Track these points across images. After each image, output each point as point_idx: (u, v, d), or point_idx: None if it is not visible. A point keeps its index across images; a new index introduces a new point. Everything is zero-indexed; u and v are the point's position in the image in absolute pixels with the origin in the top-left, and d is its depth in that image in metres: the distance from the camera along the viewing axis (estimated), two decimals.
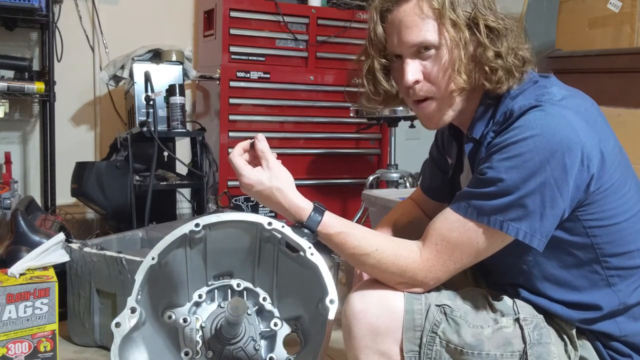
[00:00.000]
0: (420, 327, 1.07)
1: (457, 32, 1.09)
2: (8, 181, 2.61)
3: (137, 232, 2.31)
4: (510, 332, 1.07)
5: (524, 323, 1.08)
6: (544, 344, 1.07)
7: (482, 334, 1.06)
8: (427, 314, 1.08)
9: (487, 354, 1.06)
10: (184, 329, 1.51)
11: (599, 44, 2.61)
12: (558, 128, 1.01)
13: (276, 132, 3.09)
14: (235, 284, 1.56)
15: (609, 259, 1.09)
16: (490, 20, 1.10)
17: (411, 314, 1.08)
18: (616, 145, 1.13)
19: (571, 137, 1.01)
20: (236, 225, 1.46)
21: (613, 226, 1.08)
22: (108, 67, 2.84)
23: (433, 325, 1.07)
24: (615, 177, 1.07)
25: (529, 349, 1.06)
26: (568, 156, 1.00)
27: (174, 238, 1.41)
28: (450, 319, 1.07)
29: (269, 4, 3.01)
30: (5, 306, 1.64)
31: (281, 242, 1.48)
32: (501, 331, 1.07)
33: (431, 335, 1.07)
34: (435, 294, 1.11)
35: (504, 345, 1.06)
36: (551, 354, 1.07)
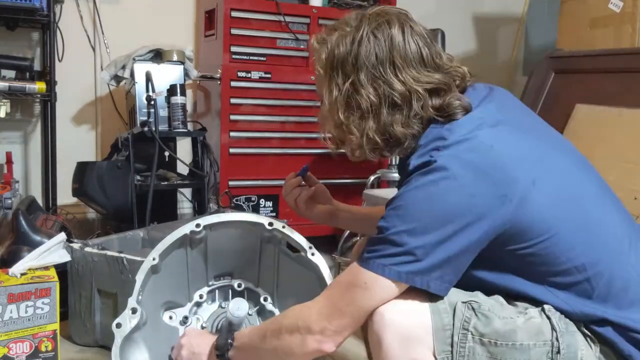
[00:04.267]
0: (449, 325, 1.07)
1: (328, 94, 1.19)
2: (9, 181, 2.61)
3: (138, 232, 2.31)
4: (539, 321, 1.07)
5: (549, 313, 1.08)
6: (571, 332, 1.07)
7: (515, 324, 1.06)
8: (455, 312, 1.07)
9: (521, 345, 1.05)
10: (185, 329, 1.51)
11: (600, 43, 2.61)
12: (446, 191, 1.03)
13: (277, 132, 3.09)
14: (236, 284, 1.56)
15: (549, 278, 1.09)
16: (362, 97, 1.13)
17: (438, 314, 1.07)
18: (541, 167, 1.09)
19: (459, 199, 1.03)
20: (237, 225, 1.46)
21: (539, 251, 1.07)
22: (109, 67, 2.84)
23: (463, 322, 1.07)
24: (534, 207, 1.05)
25: (560, 337, 1.06)
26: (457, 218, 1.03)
27: (175, 238, 1.41)
28: (479, 313, 1.07)
29: (270, 4, 3.00)
30: (7, 306, 1.64)
31: (282, 242, 1.49)
32: (531, 321, 1.07)
33: (463, 333, 1.06)
34: (457, 292, 1.10)
35: (536, 334, 1.06)
36: (579, 342, 1.07)
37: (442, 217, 1.03)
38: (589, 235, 1.09)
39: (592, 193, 1.14)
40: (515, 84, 3.98)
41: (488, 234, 1.05)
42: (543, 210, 1.05)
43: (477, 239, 1.05)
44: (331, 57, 1.17)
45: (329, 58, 1.17)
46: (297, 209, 1.50)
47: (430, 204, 1.04)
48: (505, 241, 1.06)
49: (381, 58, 1.12)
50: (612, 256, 1.09)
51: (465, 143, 1.06)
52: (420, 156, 1.09)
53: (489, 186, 1.03)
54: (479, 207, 1.03)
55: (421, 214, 1.04)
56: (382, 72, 1.13)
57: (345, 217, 1.53)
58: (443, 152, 1.06)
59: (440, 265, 1.05)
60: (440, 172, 1.04)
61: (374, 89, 1.13)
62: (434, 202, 1.03)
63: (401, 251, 1.05)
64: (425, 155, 1.08)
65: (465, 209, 1.03)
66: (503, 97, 1.21)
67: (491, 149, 1.05)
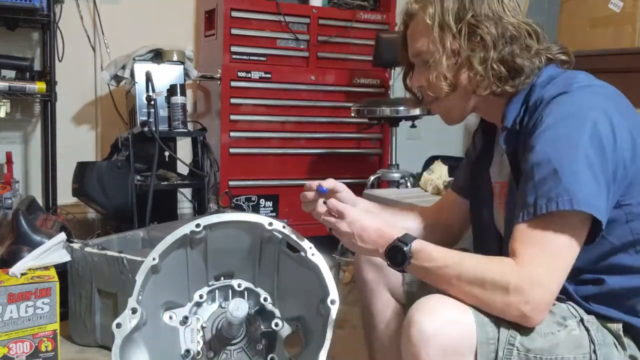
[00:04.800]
0: (494, 340, 1.03)
1: (440, 43, 1.18)
2: (9, 181, 2.61)
3: (138, 232, 2.32)
4: (578, 334, 1.06)
5: (588, 325, 1.08)
6: (608, 345, 1.08)
7: (557, 338, 1.05)
8: (500, 328, 1.04)
9: (562, 358, 1.04)
10: (185, 329, 1.51)
11: (600, 44, 2.61)
12: (589, 107, 1.06)
13: (277, 132, 3.09)
14: (236, 284, 1.56)
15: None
16: (481, 30, 1.16)
17: (483, 327, 1.03)
18: None
19: (601, 115, 1.05)
20: (237, 225, 1.46)
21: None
22: (109, 67, 2.84)
23: (509, 337, 1.04)
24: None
25: (598, 350, 1.06)
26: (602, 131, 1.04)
27: (175, 238, 1.41)
28: (522, 331, 1.04)
29: (270, 4, 3.00)
30: (7, 306, 1.64)
31: (282, 242, 1.48)
32: (571, 334, 1.06)
33: (509, 348, 1.03)
34: None
35: (575, 348, 1.05)
36: (614, 355, 1.08)
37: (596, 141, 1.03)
38: None
39: None
40: None
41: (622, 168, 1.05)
42: None
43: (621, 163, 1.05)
44: (441, 10, 1.18)
45: (441, 11, 1.18)
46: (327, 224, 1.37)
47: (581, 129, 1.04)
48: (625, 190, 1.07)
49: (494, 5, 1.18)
50: None
51: (593, 87, 1.11)
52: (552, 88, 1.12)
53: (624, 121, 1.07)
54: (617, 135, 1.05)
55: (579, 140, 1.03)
56: (495, 9, 1.17)
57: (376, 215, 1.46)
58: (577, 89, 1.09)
59: (608, 189, 1.04)
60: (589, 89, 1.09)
61: (493, 24, 1.16)
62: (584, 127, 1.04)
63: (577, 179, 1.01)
64: (559, 85, 1.12)
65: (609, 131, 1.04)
66: None
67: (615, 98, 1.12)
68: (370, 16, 3.24)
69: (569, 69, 1.22)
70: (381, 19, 3.26)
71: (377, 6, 3.32)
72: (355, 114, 2.94)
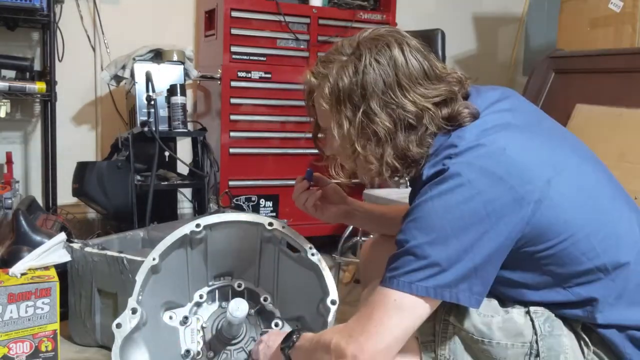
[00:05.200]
0: (431, 317, 1.06)
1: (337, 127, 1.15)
2: (9, 181, 2.61)
3: (138, 232, 2.32)
4: (521, 322, 1.07)
5: (534, 315, 1.08)
6: (555, 336, 1.07)
7: (492, 322, 1.07)
8: (437, 312, 1.07)
9: (498, 343, 1.06)
10: (185, 329, 1.51)
11: (600, 43, 2.61)
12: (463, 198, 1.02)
13: (277, 132, 3.09)
14: (236, 285, 1.56)
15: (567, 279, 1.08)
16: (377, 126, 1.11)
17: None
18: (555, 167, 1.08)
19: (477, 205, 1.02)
20: (237, 225, 1.46)
21: (560, 251, 1.06)
22: (109, 67, 2.84)
23: (444, 314, 1.07)
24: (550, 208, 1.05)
25: (540, 340, 1.06)
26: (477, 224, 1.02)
27: (175, 239, 1.41)
28: (459, 309, 1.07)
29: (270, 4, 3.00)
30: (7, 306, 1.64)
31: (282, 242, 1.49)
32: (512, 321, 1.07)
33: (444, 322, 1.07)
34: None
35: (515, 335, 1.06)
36: (563, 345, 1.07)
37: (461, 225, 1.02)
38: (608, 234, 1.08)
39: (607, 192, 1.14)
40: (515, 84, 3.98)
41: (509, 239, 1.04)
42: (560, 210, 1.05)
43: (499, 245, 1.03)
44: (336, 91, 1.13)
45: (334, 92, 1.14)
46: (308, 213, 1.48)
47: (448, 212, 1.02)
48: (524, 245, 1.05)
49: (389, 82, 1.10)
50: (631, 254, 1.09)
51: (477, 149, 1.05)
52: (433, 165, 1.08)
53: (505, 190, 1.02)
54: (497, 212, 1.02)
55: (440, 224, 1.02)
56: (392, 96, 1.10)
57: (360, 217, 1.50)
58: (455, 159, 1.05)
59: (467, 275, 1.03)
60: (455, 180, 1.03)
61: (388, 115, 1.10)
62: (452, 210, 1.02)
63: (425, 264, 1.02)
64: (437, 165, 1.07)
65: (484, 214, 1.02)
66: (514, 100, 1.20)
67: (503, 152, 1.05)
68: (370, 16, 3.24)
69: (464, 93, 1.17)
70: (381, 19, 3.26)
71: (377, 6, 3.32)
72: None
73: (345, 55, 1.14)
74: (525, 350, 1.06)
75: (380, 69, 1.10)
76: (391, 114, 1.10)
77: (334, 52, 1.17)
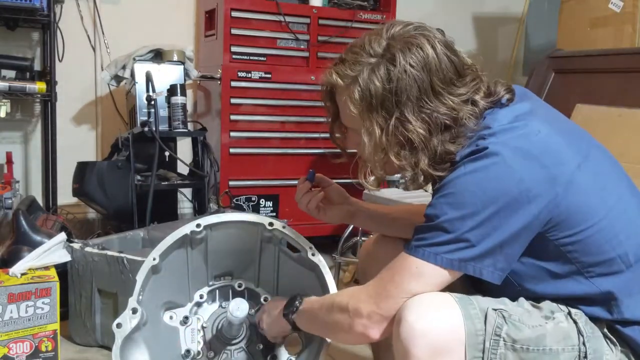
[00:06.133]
0: (481, 331, 1.05)
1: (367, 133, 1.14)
2: (9, 181, 2.61)
3: (139, 232, 2.32)
4: (567, 326, 1.08)
5: (576, 317, 1.09)
6: (597, 337, 1.08)
7: (545, 329, 1.06)
8: (487, 318, 1.06)
9: (550, 349, 1.06)
10: (185, 329, 1.51)
11: (600, 43, 2.61)
12: (497, 176, 1.04)
13: (277, 132, 3.09)
14: (237, 284, 1.56)
15: (590, 269, 1.09)
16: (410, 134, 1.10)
17: (470, 319, 1.05)
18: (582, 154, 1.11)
19: (510, 183, 1.03)
20: (237, 225, 1.46)
21: (586, 239, 1.07)
22: (109, 67, 2.84)
23: (495, 328, 1.06)
24: (580, 191, 1.06)
25: (587, 342, 1.07)
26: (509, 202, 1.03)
27: (175, 239, 1.41)
28: (509, 322, 1.06)
29: (270, 4, 3.00)
30: (7, 306, 1.64)
31: (282, 242, 1.49)
32: (559, 326, 1.07)
33: (495, 339, 1.05)
34: (484, 299, 1.10)
35: (564, 339, 1.06)
36: (604, 347, 1.08)
37: (493, 202, 1.03)
38: (630, 224, 1.10)
39: (625, 183, 1.16)
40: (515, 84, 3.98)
41: (539, 219, 1.05)
42: (587, 195, 1.07)
43: (528, 224, 1.04)
44: (368, 96, 1.11)
45: (365, 97, 1.11)
46: (311, 214, 1.48)
47: (481, 189, 1.03)
48: (552, 229, 1.06)
49: (423, 88, 1.09)
50: None
51: (511, 131, 1.07)
52: (467, 146, 1.09)
53: (539, 169, 1.04)
54: (529, 191, 1.03)
55: (472, 200, 1.03)
56: (427, 101, 1.09)
57: (363, 217, 1.50)
58: (490, 139, 1.06)
59: (492, 251, 1.04)
60: (490, 158, 1.04)
61: (422, 121, 1.10)
62: (485, 187, 1.03)
63: (453, 238, 1.04)
64: (471, 145, 1.08)
65: (516, 193, 1.03)
66: (535, 98, 1.24)
67: (538, 133, 1.07)
68: (370, 16, 3.23)
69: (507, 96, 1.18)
70: (381, 19, 3.26)
71: (377, 6, 3.32)
72: None
73: (375, 57, 1.12)
74: (575, 353, 1.06)
75: (414, 73, 1.09)
76: (426, 119, 1.10)
77: (361, 51, 1.13)
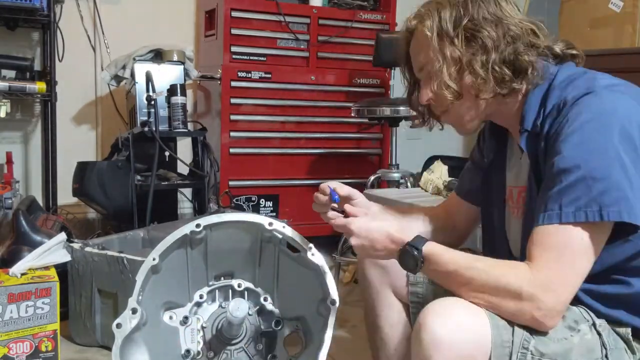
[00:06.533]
0: (508, 343, 1.02)
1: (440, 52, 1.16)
2: (9, 181, 2.61)
3: (139, 232, 2.32)
4: (591, 339, 1.06)
5: (600, 329, 1.08)
6: (619, 349, 1.08)
7: (571, 343, 1.04)
8: (514, 331, 1.03)
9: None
10: (185, 329, 1.51)
11: (600, 44, 2.61)
12: (616, 108, 1.03)
13: (277, 132, 3.09)
14: (236, 284, 1.56)
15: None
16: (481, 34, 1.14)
17: (497, 330, 1.02)
18: None
19: (631, 114, 1.03)
20: (237, 225, 1.46)
21: None
22: (109, 67, 2.85)
23: (523, 341, 1.02)
24: None
25: (610, 354, 1.06)
26: (633, 130, 1.02)
27: (175, 239, 1.41)
28: (535, 335, 1.04)
29: (270, 4, 3.00)
30: (7, 306, 1.64)
31: (282, 242, 1.48)
32: (584, 339, 1.06)
33: (522, 352, 1.02)
34: None
35: (588, 352, 1.05)
36: (624, 358, 1.08)
37: (628, 141, 1.00)
38: None
39: None
40: None
41: None
42: None
43: None
44: (438, 20, 1.17)
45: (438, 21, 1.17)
46: None
47: (612, 133, 1.00)
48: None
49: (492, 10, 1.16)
50: None
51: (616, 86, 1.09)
52: (573, 89, 1.09)
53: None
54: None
55: (612, 144, 1.00)
56: (493, 11, 1.16)
57: None
58: (600, 80, 1.09)
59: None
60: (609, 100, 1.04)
61: (493, 26, 1.14)
62: (614, 131, 1.00)
63: (609, 185, 0.98)
64: (579, 87, 1.08)
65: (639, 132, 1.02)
66: None
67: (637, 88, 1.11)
68: (370, 16, 3.24)
69: (581, 64, 1.20)
70: (381, 19, 3.26)
71: (377, 6, 3.32)
72: (355, 114, 2.94)
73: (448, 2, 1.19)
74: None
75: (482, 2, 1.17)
76: (496, 25, 1.15)
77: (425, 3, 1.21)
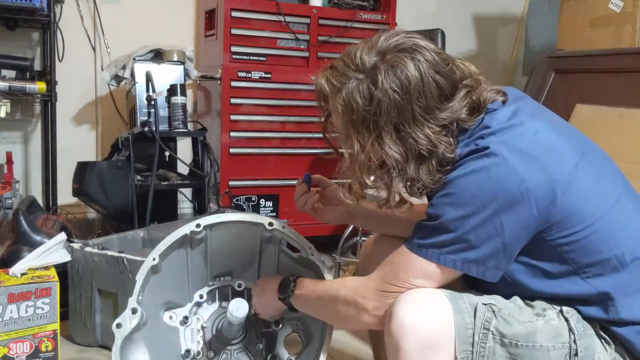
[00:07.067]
0: (470, 325, 1.07)
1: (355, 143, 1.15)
2: (9, 181, 2.61)
3: (139, 232, 2.32)
4: (558, 323, 1.08)
5: (567, 315, 1.09)
6: (589, 335, 1.08)
7: (535, 326, 1.07)
8: (476, 312, 1.08)
9: (540, 346, 1.06)
10: (185, 329, 1.51)
11: (600, 43, 2.61)
12: (497, 176, 1.04)
13: (277, 132, 3.09)
14: (237, 284, 1.56)
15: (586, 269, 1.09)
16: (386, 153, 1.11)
17: (460, 313, 1.07)
18: (579, 153, 1.11)
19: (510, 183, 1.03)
20: (237, 225, 1.46)
21: (582, 239, 1.07)
22: (109, 67, 2.84)
23: (484, 322, 1.07)
24: (578, 192, 1.07)
25: (578, 339, 1.07)
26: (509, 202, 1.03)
27: (175, 239, 1.41)
28: (499, 316, 1.07)
29: (270, 4, 3.00)
30: (7, 306, 1.64)
31: (282, 242, 1.49)
32: (550, 323, 1.08)
33: (484, 332, 1.07)
34: (476, 294, 1.11)
35: (555, 336, 1.07)
36: (596, 345, 1.08)
37: (494, 202, 1.03)
38: (627, 224, 1.10)
39: (621, 182, 1.16)
40: (515, 84, 3.97)
41: (539, 220, 1.05)
42: (585, 195, 1.07)
43: (529, 224, 1.05)
44: (349, 112, 1.13)
45: (347, 112, 1.13)
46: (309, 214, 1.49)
47: (481, 190, 1.04)
48: (550, 228, 1.06)
49: (402, 114, 1.09)
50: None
51: (510, 129, 1.08)
52: (466, 145, 1.10)
53: (538, 170, 1.04)
54: (530, 192, 1.03)
55: (473, 201, 1.04)
56: (405, 127, 1.10)
57: (362, 217, 1.50)
58: (489, 138, 1.07)
59: (495, 253, 1.05)
60: (490, 158, 1.05)
61: (396, 145, 1.11)
62: (486, 188, 1.04)
63: (455, 238, 1.06)
64: (470, 144, 1.09)
65: (517, 193, 1.03)
66: (529, 99, 1.23)
67: (535, 134, 1.08)
68: (370, 16, 3.23)
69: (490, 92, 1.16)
70: (381, 19, 3.26)
71: (377, 6, 3.32)
72: None
73: (362, 72, 1.12)
74: (565, 350, 1.07)
75: (394, 98, 1.08)
76: (401, 145, 1.11)
77: (350, 62, 1.15)
